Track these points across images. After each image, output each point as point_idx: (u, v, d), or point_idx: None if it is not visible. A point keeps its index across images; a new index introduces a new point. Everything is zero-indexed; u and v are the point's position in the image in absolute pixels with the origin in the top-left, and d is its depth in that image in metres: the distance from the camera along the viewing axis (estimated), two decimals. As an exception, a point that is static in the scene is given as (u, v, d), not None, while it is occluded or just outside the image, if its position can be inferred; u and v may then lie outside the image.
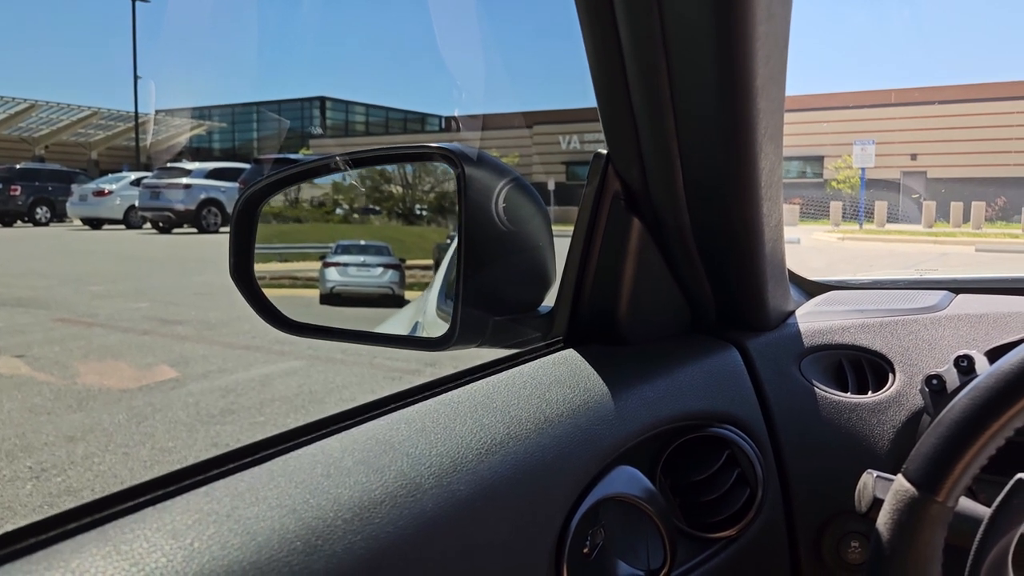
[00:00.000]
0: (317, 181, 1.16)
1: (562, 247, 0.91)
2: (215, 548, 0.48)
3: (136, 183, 20.84)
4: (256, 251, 1.00)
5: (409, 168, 1.33)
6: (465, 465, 0.63)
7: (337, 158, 1.00)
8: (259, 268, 1.00)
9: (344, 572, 0.52)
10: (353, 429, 0.65)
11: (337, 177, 1.19)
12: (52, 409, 4.48)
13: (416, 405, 0.70)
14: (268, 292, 0.99)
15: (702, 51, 0.71)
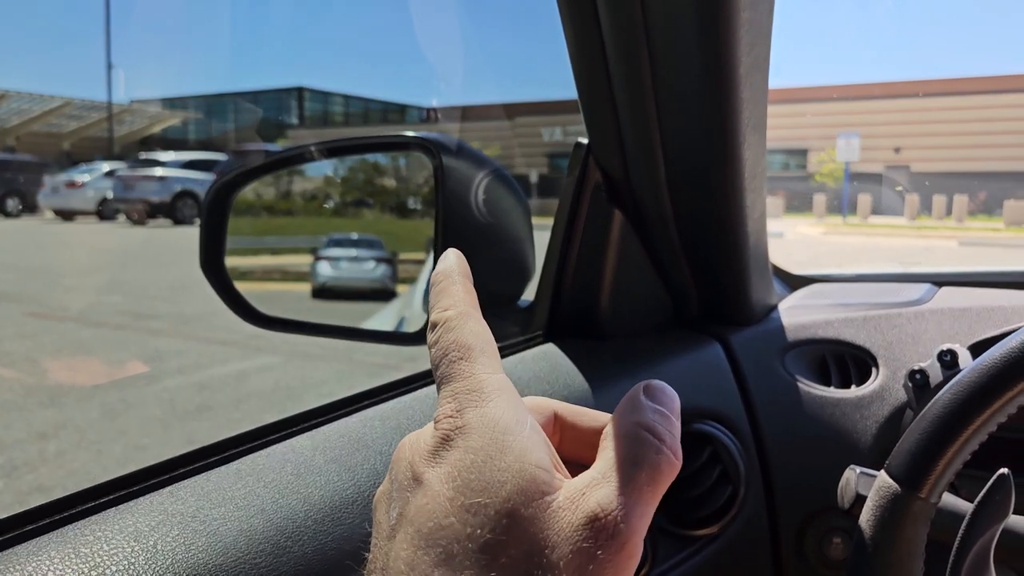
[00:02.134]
0: (299, 170, 1.14)
1: (543, 240, 0.90)
2: (179, 550, 0.47)
3: (110, 174, 20.57)
4: (239, 245, 0.98)
5: (402, 161, 1.31)
6: None
7: (312, 148, 0.98)
8: (244, 262, 0.97)
9: (313, 574, 0.50)
10: (325, 427, 0.63)
11: (314, 167, 1.17)
12: (23, 405, 4.41)
13: (390, 402, 0.68)
14: (256, 286, 0.97)
15: (684, 38, 0.69)
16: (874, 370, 0.92)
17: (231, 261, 0.98)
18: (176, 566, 0.46)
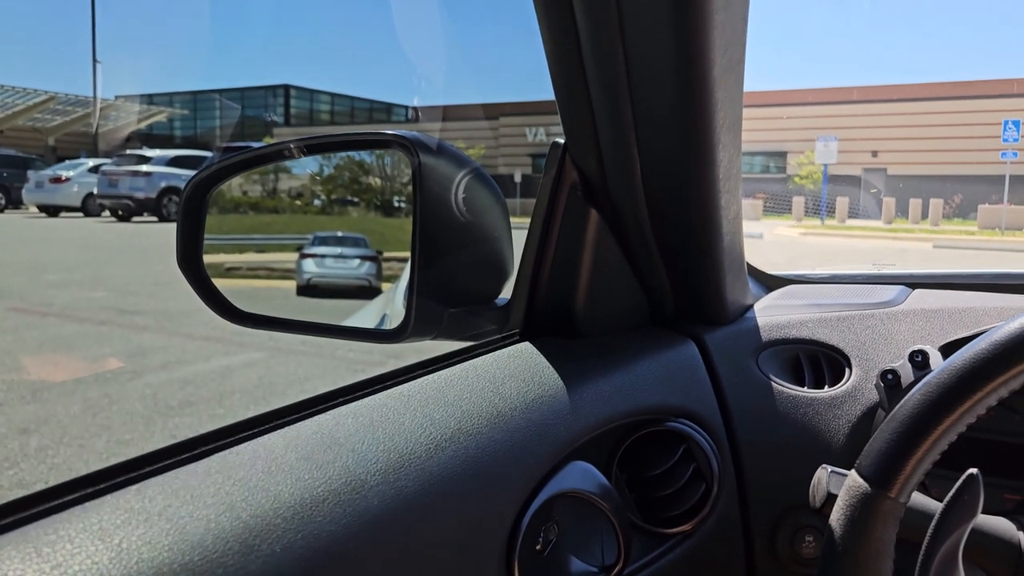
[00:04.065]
0: (285, 168, 1.13)
1: (523, 239, 0.90)
2: (144, 548, 0.46)
3: (95, 170, 20.40)
4: (218, 241, 0.97)
5: (387, 160, 1.31)
6: (413, 461, 0.61)
7: (291, 144, 0.98)
8: (226, 259, 0.97)
9: (282, 573, 0.50)
10: (297, 424, 0.63)
11: (295, 164, 1.16)
12: (5, 400, 4.37)
13: (364, 399, 0.68)
14: (241, 283, 0.96)
15: (659, 38, 0.70)
16: (847, 370, 0.92)
17: (217, 258, 0.97)
18: (141, 565, 0.45)
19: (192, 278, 0.95)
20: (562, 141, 0.85)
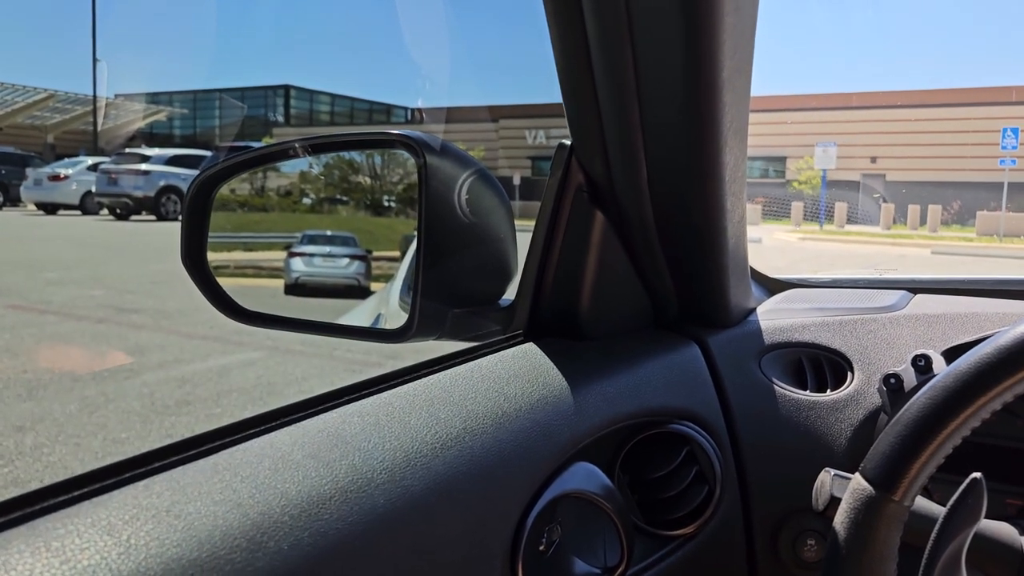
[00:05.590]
0: (278, 167, 1.14)
1: (525, 242, 0.90)
2: (152, 544, 0.46)
3: (93, 168, 20.39)
4: (217, 239, 0.97)
5: (378, 159, 1.31)
6: (419, 460, 0.61)
7: (296, 144, 0.98)
8: (220, 256, 0.97)
9: (290, 569, 0.50)
10: (304, 422, 0.63)
11: (296, 163, 1.16)
12: (1, 398, 4.36)
13: (370, 398, 0.68)
14: (230, 281, 0.96)
15: (669, 41, 0.70)
16: (849, 374, 0.93)
17: (220, 256, 0.97)
18: (149, 560, 0.45)
19: (196, 276, 0.95)
20: (569, 142, 0.85)
